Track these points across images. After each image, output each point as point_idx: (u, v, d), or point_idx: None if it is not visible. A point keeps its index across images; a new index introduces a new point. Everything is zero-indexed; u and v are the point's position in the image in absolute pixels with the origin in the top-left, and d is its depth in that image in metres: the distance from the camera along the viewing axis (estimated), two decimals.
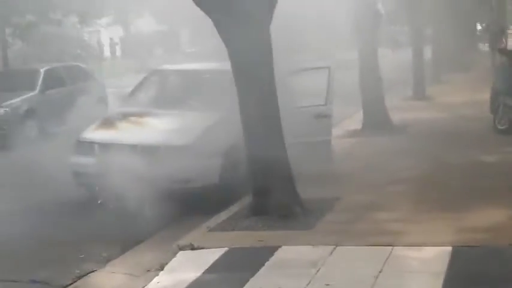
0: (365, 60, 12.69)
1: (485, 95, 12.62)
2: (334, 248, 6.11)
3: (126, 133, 8.58)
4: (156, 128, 8.65)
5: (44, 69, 15.26)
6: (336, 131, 12.31)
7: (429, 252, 5.88)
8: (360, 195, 7.98)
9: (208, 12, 7.12)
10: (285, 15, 7.91)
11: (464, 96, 16.44)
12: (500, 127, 11.49)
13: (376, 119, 12.60)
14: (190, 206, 8.12)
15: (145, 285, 5.77)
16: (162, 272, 6.04)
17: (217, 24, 7.16)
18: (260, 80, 7.30)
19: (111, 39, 40.69)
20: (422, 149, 10.61)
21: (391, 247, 6.02)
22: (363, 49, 12.69)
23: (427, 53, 19.73)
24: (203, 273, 5.82)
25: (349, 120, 14.01)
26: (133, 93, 9.91)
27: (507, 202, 7.25)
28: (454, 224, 6.61)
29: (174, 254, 6.44)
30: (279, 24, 7.74)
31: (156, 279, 5.87)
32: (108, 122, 8.99)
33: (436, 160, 9.69)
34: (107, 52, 39.23)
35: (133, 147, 8.30)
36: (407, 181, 8.58)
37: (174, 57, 27.80)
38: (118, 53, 40.96)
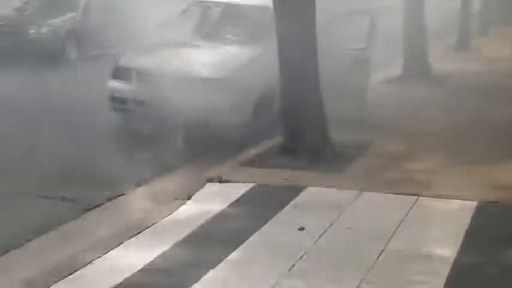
0: (410, 5, 12.46)
1: None
2: (360, 193, 6.17)
3: (164, 62, 8.61)
4: (194, 59, 8.66)
5: None
6: (375, 77, 12.24)
7: (454, 205, 5.90)
8: (391, 143, 7.97)
9: None
10: None
11: None
12: None
13: (416, 68, 12.45)
14: (221, 139, 8.22)
15: (171, 213, 5.89)
16: (189, 201, 6.18)
17: None
18: (300, 22, 7.24)
19: None
20: (460, 101, 10.49)
21: (416, 197, 6.05)
22: None
23: (477, 2, 19.23)
24: (228, 206, 5.93)
25: (390, 66, 13.83)
26: (174, 22, 9.91)
27: None
28: (483, 179, 6.59)
29: (202, 185, 6.56)
30: None
31: (182, 208, 6.00)
32: (147, 50, 9.03)
33: (473, 114, 9.56)
34: None
35: (170, 77, 8.35)
36: (441, 133, 8.52)
37: None
38: None
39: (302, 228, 5.34)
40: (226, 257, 4.83)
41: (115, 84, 8.72)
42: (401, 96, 10.80)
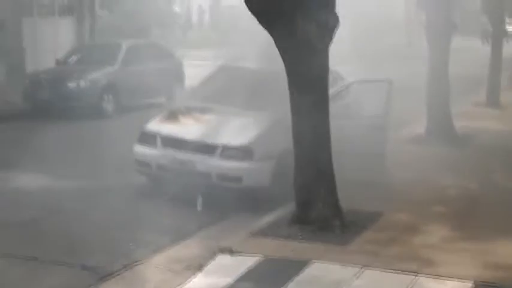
0: (435, 63, 12.68)
1: None
2: (362, 270, 6.45)
3: (188, 129, 9.07)
4: (217, 126, 9.10)
5: (126, 44, 15.98)
6: (397, 135, 12.53)
7: (450, 285, 6.13)
8: (402, 214, 8.22)
9: (268, 29, 7.46)
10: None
11: None
12: None
13: (440, 127, 12.64)
14: (240, 205, 8.60)
15: (182, 284, 6.27)
16: (199, 273, 6.54)
17: (276, 40, 7.50)
18: (313, 93, 7.58)
19: (199, 6, 41.08)
20: (482, 167, 10.62)
21: (415, 275, 6.31)
22: (433, 51, 12.68)
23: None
24: (235, 281, 6.27)
25: (415, 125, 14.03)
26: (200, 86, 10.38)
27: None
28: (484, 257, 6.80)
29: (214, 255, 6.92)
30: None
31: (192, 280, 6.37)
32: (172, 115, 9.49)
33: (492, 183, 9.76)
34: (194, 19, 39.81)
35: (193, 144, 8.81)
36: (454, 203, 8.72)
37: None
38: (206, 21, 41.41)
39: None
40: None
41: (141, 150, 9.18)
42: (419, 160, 11.00)
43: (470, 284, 6.14)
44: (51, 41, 18.36)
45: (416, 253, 6.91)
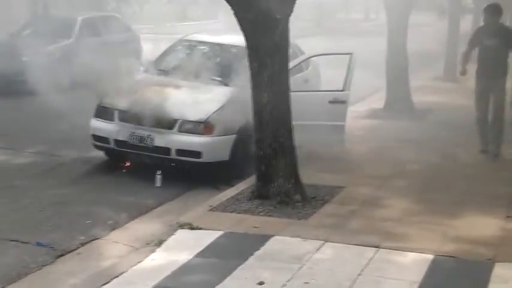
0: (393, 39, 12.69)
1: None
2: (323, 244, 6.40)
3: (146, 103, 8.87)
4: (176, 100, 8.92)
5: (82, 18, 15.63)
6: (358, 108, 12.55)
7: (410, 258, 6.11)
8: (362, 187, 8.21)
9: (228, 1, 7.31)
10: None
11: None
12: None
13: (398, 101, 12.71)
14: (200, 179, 8.51)
15: (141, 261, 6.13)
16: (159, 248, 6.42)
17: (236, 12, 7.36)
18: (273, 66, 7.46)
19: None
20: (438, 140, 10.71)
21: (376, 248, 6.29)
22: (392, 26, 12.69)
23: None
24: (195, 256, 6.16)
25: (375, 96, 14.06)
26: (159, 59, 10.19)
27: (505, 212, 7.39)
28: (443, 230, 6.82)
29: (174, 231, 6.80)
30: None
31: (151, 256, 6.24)
32: (130, 89, 9.27)
33: (449, 156, 9.82)
34: None
35: (152, 119, 8.63)
36: (413, 176, 8.77)
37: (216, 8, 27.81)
38: None
39: (262, 283, 5.59)
40: None
41: (97, 124, 8.98)
42: (380, 133, 11.03)
43: (430, 256, 6.15)
44: (4, 13, 17.85)
45: (377, 226, 6.89)
